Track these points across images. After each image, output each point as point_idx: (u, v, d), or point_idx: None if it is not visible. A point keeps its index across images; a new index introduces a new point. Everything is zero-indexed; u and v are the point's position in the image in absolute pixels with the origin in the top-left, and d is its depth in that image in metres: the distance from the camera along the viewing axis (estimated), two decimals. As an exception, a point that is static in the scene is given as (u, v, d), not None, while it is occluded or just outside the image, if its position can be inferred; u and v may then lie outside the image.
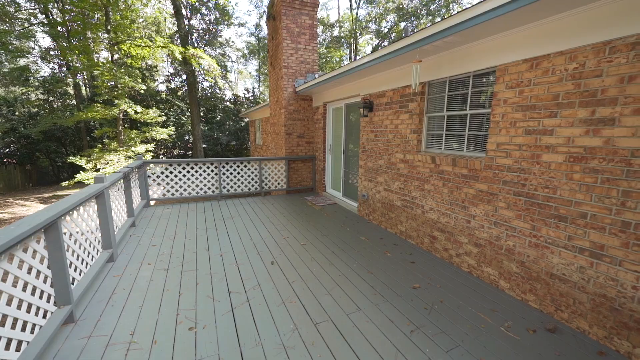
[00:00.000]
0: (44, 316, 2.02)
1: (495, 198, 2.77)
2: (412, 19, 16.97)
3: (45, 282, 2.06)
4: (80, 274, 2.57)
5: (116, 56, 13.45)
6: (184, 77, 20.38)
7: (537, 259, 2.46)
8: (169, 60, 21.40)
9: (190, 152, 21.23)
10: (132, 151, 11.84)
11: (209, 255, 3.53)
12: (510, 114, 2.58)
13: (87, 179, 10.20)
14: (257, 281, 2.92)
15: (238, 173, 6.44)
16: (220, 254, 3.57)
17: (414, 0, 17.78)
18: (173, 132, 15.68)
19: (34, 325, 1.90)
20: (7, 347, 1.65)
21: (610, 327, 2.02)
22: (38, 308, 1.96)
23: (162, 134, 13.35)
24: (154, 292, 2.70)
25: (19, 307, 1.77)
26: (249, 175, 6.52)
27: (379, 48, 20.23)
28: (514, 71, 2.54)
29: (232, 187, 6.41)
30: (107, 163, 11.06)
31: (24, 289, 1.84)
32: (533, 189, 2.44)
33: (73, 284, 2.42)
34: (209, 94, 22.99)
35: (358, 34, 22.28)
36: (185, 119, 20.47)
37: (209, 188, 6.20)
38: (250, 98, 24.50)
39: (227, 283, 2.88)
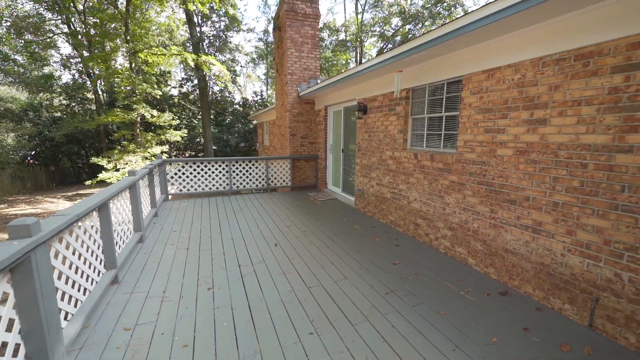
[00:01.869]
0: (98, 275, 2.62)
1: (463, 187, 3.25)
2: (413, 22, 17.38)
3: (98, 249, 2.65)
4: (119, 248, 3.17)
5: (133, 64, 14.34)
6: (196, 81, 21.28)
7: (495, 237, 2.93)
8: (182, 65, 22.34)
9: (201, 153, 22.08)
10: (149, 152, 12.64)
11: (221, 238, 4.11)
12: (474, 116, 3.06)
13: (109, 178, 11.01)
14: (262, 258, 3.47)
15: (247, 171, 7.04)
16: (231, 237, 4.14)
17: (416, 3, 18.20)
18: (185, 135, 16.47)
19: (92, 279, 2.49)
20: (78, 291, 2.23)
21: (547, 289, 2.48)
22: (95, 268, 2.55)
23: (175, 136, 14.15)
24: (178, 264, 3.28)
25: (84, 263, 2.36)
26: (256, 173, 7.11)
27: (384, 51, 20.61)
28: (475, 80, 3.03)
29: (241, 184, 7.01)
30: (126, 163, 11.87)
31: (87, 251, 2.44)
32: (491, 179, 2.92)
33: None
34: (219, 98, 23.83)
35: (363, 37, 22.79)
36: (196, 122, 21.36)
37: (220, 185, 6.82)
38: (259, 101, 25.25)
39: (237, 259, 3.44)
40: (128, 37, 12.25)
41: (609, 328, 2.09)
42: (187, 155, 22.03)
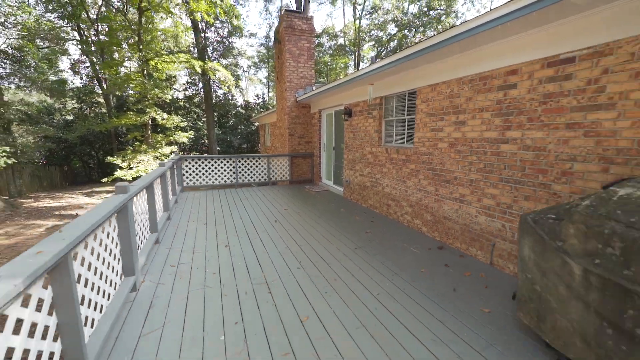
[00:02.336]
0: (146, 234, 3.63)
1: (418, 173, 4.25)
2: (407, 29, 18.41)
3: (145, 215, 3.67)
4: (158, 218, 4.19)
5: (145, 70, 15.41)
6: (200, 85, 22.39)
7: (438, 209, 3.92)
8: (186, 70, 23.45)
9: (205, 154, 23.11)
10: (159, 152, 13.69)
11: (232, 217, 5.12)
12: (424, 119, 4.07)
13: (124, 176, 12.06)
14: (265, 229, 4.48)
15: (251, 167, 8.06)
16: (239, 217, 5.15)
17: (410, 12, 19.25)
18: (192, 136, 17.52)
19: (144, 238, 3.50)
20: (140, 242, 3.25)
21: (467, 242, 3.48)
22: (146, 230, 3.56)
23: (183, 137, 15.19)
24: (200, 233, 4.30)
25: (141, 225, 3.38)
26: (259, 169, 8.13)
27: (382, 55, 21.50)
28: (424, 92, 4.03)
29: (246, 177, 8.03)
30: (139, 162, 12.91)
31: (140, 217, 3.45)
32: (435, 165, 3.91)
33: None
34: (222, 101, 24.91)
35: (361, 42, 23.83)
36: (201, 124, 22.43)
37: (228, 178, 7.84)
38: (260, 103, 26.34)
39: (245, 230, 4.45)
40: (141, 46, 13.33)
41: (500, 262, 3.08)
42: (192, 155, 23.07)
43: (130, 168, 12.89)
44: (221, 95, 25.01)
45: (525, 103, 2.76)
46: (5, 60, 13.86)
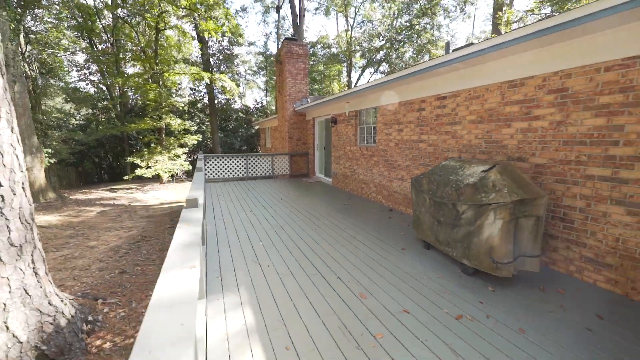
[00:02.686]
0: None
1: (379, 163, 6.26)
2: (390, 43, 20.59)
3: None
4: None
5: (160, 81, 17.31)
6: (203, 91, 24.32)
7: (390, 186, 5.93)
8: (189, 78, 25.33)
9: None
10: (173, 153, 15.57)
11: (250, 198, 7.08)
12: (381, 127, 6.09)
13: (144, 174, 13.91)
14: (275, 203, 6.45)
15: (258, 163, 10.03)
16: (255, 197, 7.12)
17: (395, 26, 21.44)
18: (200, 139, 19.40)
19: (199, 203, 5.46)
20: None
21: (405, 205, 5.49)
22: (199, 199, 5.52)
23: (193, 140, 17.09)
24: (230, 206, 6.25)
25: (198, 194, 5.33)
26: (265, 165, 10.09)
27: (372, 61, 23.46)
28: (381, 109, 6.06)
29: (254, 172, 9.98)
30: (156, 162, 14.78)
31: (198, 190, 5.41)
32: (388, 157, 5.93)
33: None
34: (224, 106, 26.82)
35: (352, 53, 25.98)
36: (205, 127, 24.29)
37: (240, 172, 9.79)
38: (259, 108, 28.31)
39: (261, 204, 6.41)
40: (157, 60, 15.25)
41: (410, 210, 5.09)
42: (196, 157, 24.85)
43: (149, 167, 14.74)
44: (223, 101, 26.93)
45: (428, 119, 4.79)
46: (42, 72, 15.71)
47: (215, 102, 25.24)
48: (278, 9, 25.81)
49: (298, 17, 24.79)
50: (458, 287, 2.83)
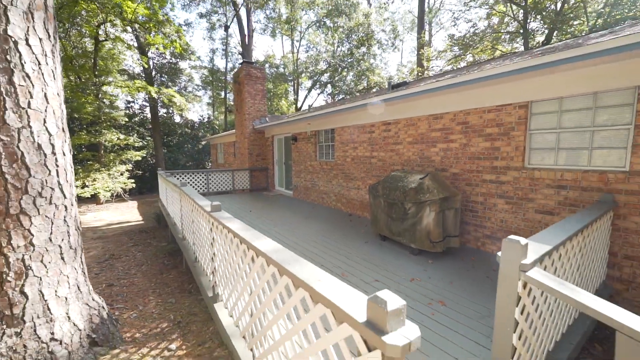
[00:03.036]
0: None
1: (337, 176, 7.34)
2: (332, 69, 22.80)
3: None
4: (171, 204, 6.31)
5: (100, 95, 16.00)
6: (141, 104, 22.98)
7: (348, 195, 7.02)
8: (128, 91, 23.65)
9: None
10: (114, 170, 14.47)
11: (218, 211, 7.42)
12: (339, 145, 7.22)
13: (82, 193, 12.65)
14: (244, 215, 6.96)
15: (219, 179, 10.27)
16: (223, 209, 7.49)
17: (337, 53, 23.80)
18: (145, 155, 18.25)
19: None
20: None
21: (362, 210, 6.61)
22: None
23: (137, 156, 16.09)
24: (203, 219, 6.56)
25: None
26: (226, 180, 10.38)
27: (318, 82, 25.18)
28: (338, 130, 7.21)
29: (216, 187, 10.18)
30: (94, 180, 13.57)
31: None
32: (345, 171, 7.05)
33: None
34: (167, 120, 25.55)
35: (299, 74, 27.61)
36: (146, 143, 22.78)
37: (201, 188, 9.89)
38: (206, 123, 27.69)
39: (233, 216, 6.86)
40: (96, 72, 14.27)
41: (366, 214, 6.25)
42: (139, 173, 23.04)
43: (86, 186, 13.43)
44: (164, 115, 25.65)
45: (378, 140, 6.06)
46: None
47: (158, 116, 23.96)
48: (226, 28, 26.24)
49: (247, 36, 25.55)
50: (409, 263, 3.92)
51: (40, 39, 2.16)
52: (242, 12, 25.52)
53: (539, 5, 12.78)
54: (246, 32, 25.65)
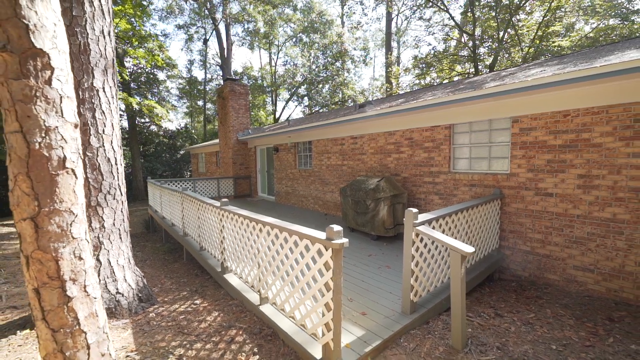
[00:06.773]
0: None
1: (315, 181, 8.53)
2: (308, 81, 24.33)
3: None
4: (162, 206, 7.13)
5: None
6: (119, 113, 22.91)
7: (324, 197, 8.22)
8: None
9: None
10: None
11: (209, 214, 8.31)
12: (316, 154, 8.44)
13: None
14: (234, 216, 7.91)
15: (205, 186, 11.07)
16: (214, 214, 8.39)
17: (314, 68, 25.40)
18: (123, 164, 18.35)
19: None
20: (177, 219, 6.37)
21: (336, 210, 7.83)
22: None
23: (117, 166, 16.28)
24: (197, 220, 7.45)
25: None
26: (211, 188, 11.20)
27: (296, 93, 26.49)
28: (314, 142, 8.44)
29: (202, 193, 10.96)
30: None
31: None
32: (322, 177, 8.26)
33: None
34: (144, 130, 25.56)
35: (277, 86, 28.83)
36: (123, 152, 22.70)
37: (188, 195, 10.64)
38: (184, 133, 27.96)
39: (223, 217, 7.80)
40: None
41: (339, 212, 7.48)
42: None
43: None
44: (142, 125, 25.66)
45: (347, 151, 7.35)
46: None
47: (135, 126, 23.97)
48: (205, 41, 26.99)
49: (225, 50, 26.46)
50: (369, 245, 5.15)
51: (110, 87, 3.16)
52: (221, 25, 26.46)
53: (485, 34, 15.08)
54: (225, 46, 26.58)
